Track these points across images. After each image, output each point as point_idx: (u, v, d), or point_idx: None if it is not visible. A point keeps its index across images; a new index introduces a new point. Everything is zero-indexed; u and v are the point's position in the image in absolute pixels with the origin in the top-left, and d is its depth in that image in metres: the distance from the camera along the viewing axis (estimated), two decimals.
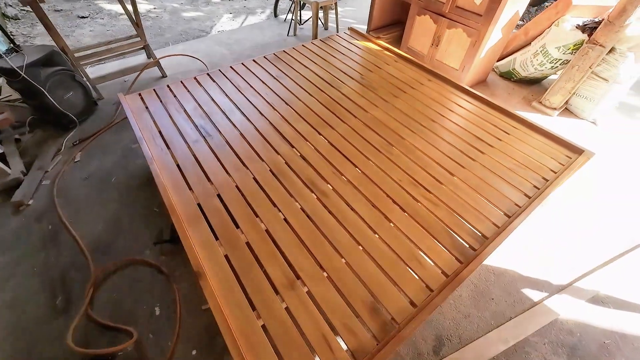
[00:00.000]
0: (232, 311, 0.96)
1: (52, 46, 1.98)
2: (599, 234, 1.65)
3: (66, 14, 4.12)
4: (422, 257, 1.12)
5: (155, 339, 1.23)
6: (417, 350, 1.24)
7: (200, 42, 3.36)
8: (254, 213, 1.24)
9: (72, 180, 1.80)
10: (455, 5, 2.31)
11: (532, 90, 2.70)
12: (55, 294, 1.34)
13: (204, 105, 1.75)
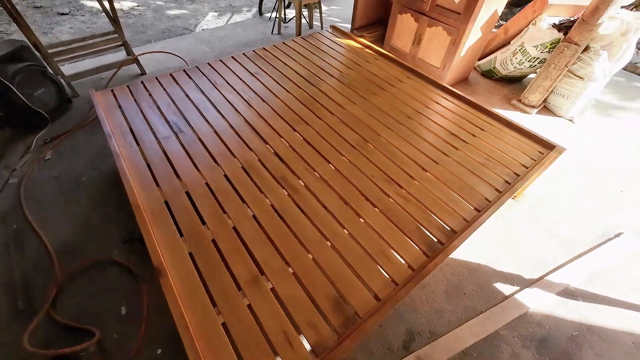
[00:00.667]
0: (192, 309, 0.94)
1: (22, 41, 1.93)
2: (572, 229, 1.68)
3: (45, 11, 4.03)
4: (390, 252, 1.12)
5: (120, 339, 1.20)
6: (388, 345, 1.23)
7: (182, 39, 3.32)
8: (222, 210, 1.22)
9: (41, 179, 1.75)
10: (435, 4, 2.32)
11: (512, 88, 2.73)
12: (16, 297, 1.29)
13: (178, 102, 1.72)
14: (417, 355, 1.21)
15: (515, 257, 1.54)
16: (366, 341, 1.24)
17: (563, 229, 1.67)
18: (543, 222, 1.70)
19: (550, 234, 1.65)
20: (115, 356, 1.16)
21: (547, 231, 1.66)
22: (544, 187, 1.87)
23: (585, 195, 1.86)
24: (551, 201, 1.81)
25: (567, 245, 1.60)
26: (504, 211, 1.73)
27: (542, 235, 1.64)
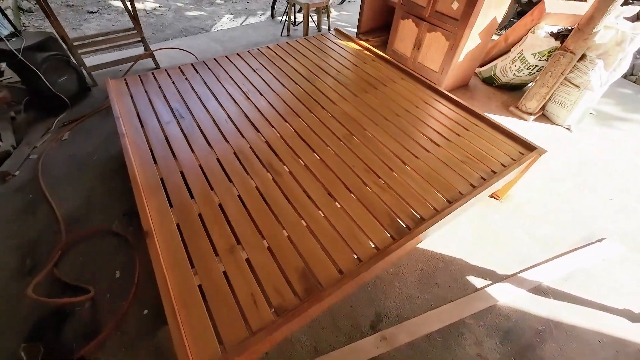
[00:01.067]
0: (172, 269, 1.05)
1: (50, 33, 2.14)
2: (554, 231, 1.70)
3: (77, 9, 4.35)
4: (359, 234, 1.20)
5: (112, 299, 1.32)
6: (356, 324, 1.30)
7: (197, 38, 3.52)
8: (210, 187, 1.33)
9: (57, 157, 1.92)
10: (435, 10, 2.40)
11: (512, 95, 2.76)
12: (25, 256, 1.45)
13: (182, 91, 1.86)
14: (382, 335, 1.27)
15: (492, 254, 1.58)
16: (335, 319, 1.32)
17: (545, 231, 1.70)
18: (525, 224, 1.73)
19: (531, 234, 1.68)
20: (105, 313, 1.28)
21: (528, 232, 1.69)
22: (532, 191, 1.90)
23: (573, 201, 1.87)
24: (537, 204, 1.84)
25: (546, 246, 1.63)
26: (487, 210, 1.78)
27: (523, 235, 1.67)
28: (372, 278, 1.45)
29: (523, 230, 1.69)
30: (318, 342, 1.25)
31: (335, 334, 1.28)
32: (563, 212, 1.80)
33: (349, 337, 1.27)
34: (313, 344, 1.25)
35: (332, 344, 1.25)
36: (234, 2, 4.97)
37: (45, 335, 1.20)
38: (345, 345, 1.25)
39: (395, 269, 1.50)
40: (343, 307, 1.36)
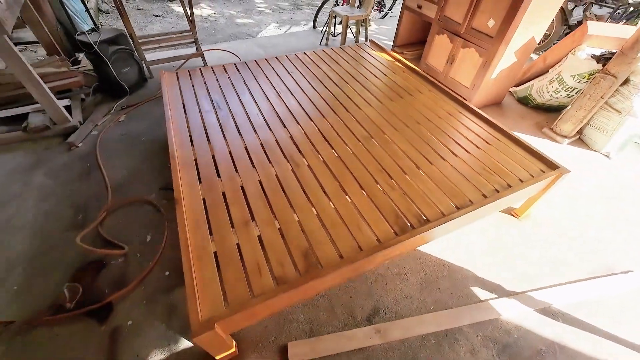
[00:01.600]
0: (194, 233, 1.19)
1: (122, 30, 2.49)
2: (572, 256, 1.63)
3: (144, 13, 4.93)
4: (364, 226, 1.27)
5: (141, 258, 1.51)
6: (352, 314, 1.36)
7: (243, 42, 3.83)
8: (235, 170, 1.49)
9: (113, 134, 2.22)
10: (471, 27, 2.43)
11: (547, 117, 2.67)
12: (78, 212, 1.70)
13: (223, 87, 2.08)
14: (377, 328, 1.32)
15: (502, 269, 1.56)
16: (334, 305, 1.38)
17: (563, 254, 1.64)
18: (543, 244, 1.68)
19: (547, 256, 1.62)
20: (134, 269, 1.47)
21: (545, 253, 1.64)
22: (555, 212, 1.84)
23: (600, 228, 1.78)
24: (558, 226, 1.77)
25: (562, 269, 1.57)
26: (503, 226, 1.75)
27: (538, 255, 1.63)
28: (373, 272, 1.50)
29: (539, 251, 1.64)
30: (315, 324, 1.33)
31: (332, 320, 1.34)
32: (587, 238, 1.72)
33: (345, 325, 1.33)
34: (310, 325, 1.32)
35: (328, 328, 1.32)
36: (281, 12, 5.32)
37: (85, 279, 1.40)
38: (340, 331, 1.31)
39: (398, 269, 1.54)
40: (343, 296, 1.42)
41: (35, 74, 1.92)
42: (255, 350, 1.24)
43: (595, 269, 1.58)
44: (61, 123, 2.17)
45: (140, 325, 1.29)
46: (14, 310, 1.30)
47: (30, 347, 1.21)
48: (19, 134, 2.09)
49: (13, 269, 1.44)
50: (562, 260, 1.61)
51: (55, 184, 1.86)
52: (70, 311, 1.29)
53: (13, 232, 1.60)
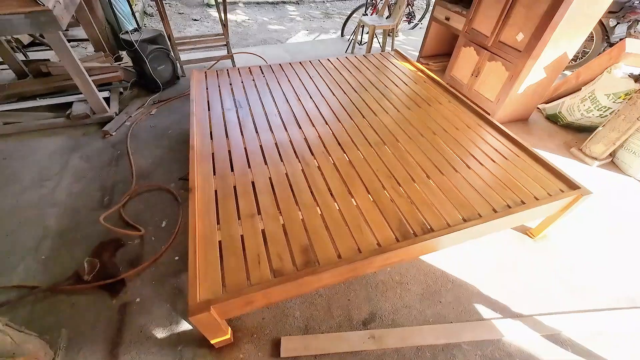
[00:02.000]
0: (202, 221, 1.26)
1: (160, 31, 2.69)
2: (590, 283, 1.53)
3: (184, 16, 5.26)
4: (365, 229, 1.27)
5: (155, 242, 1.61)
6: (349, 316, 1.36)
7: (272, 47, 3.98)
8: (248, 166, 1.56)
9: (143, 126, 2.39)
10: (498, 40, 2.39)
11: (577, 137, 2.54)
12: (105, 194, 1.84)
13: (246, 87, 2.18)
14: (372, 334, 1.31)
15: (510, 290, 1.49)
16: (331, 306, 1.40)
17: (580, 280, 1.54)
18: (558, 268, 1.59)
19: (561, 280, 1.54)
20: (148, 251, 1.56)
21: (558, 276, 1.55)
22: (576, 236, 1.74)
23: (625, 258, 1.66)
24: (578, 251, 1.67)
25: (575, 296, 1.48)
26: (516, 245, 1.68)
27: (552, 279, 1.54)
28: (374, 278, 1.50)
29: (553, 274, 1.56)
30: (310, 322, 1.34)
31: (328, 320, 1.35)
32: (610, 267, 1.61)
33: (340, 326, 1.33)
34: (305, 322, 1.34)
35: (323, 328, 1.33)
36: (311, 20, 5.47)
37: (103, 255, 1.52)
38: (334, 332, 1.31)
39: (400, 278, 1.52)
40: (341, 297, 1.43)
41: (82, 67, 2.12)
42: (249, 340, 1.28)
43: (615, 300, 1.47)
44: (100, 113, 2.37)
45: (147, 304, 1.37)
46: (40, 277, 1.43)
47: (50, 311, 1.32)
48: (63, 120, 2.31)
49: (44, 240, 1.59)
50: (578, 287, 1.51)
51: (89, 167, 2.03)
52: (88, 283, 1.40)
53: (49, 207, 1.76)
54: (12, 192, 1.84)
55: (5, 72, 2.76)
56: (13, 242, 1.57)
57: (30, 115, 2.35)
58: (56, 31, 1.87)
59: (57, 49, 1.95)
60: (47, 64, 2.46)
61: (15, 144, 2.16)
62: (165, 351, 1.23)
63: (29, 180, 1.91)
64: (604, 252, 1.68)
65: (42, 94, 2.49)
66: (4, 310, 1.29)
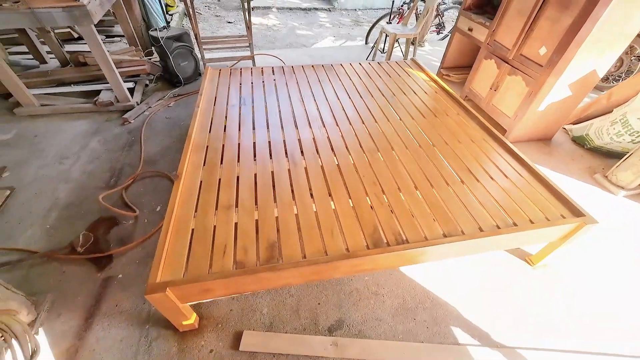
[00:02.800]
0: (181, 208, 1.31)
1: (186, 29, 2.87)
2: (590, 322, 1.37)
3: (220, 19, 5.55)
4: (337, 233, 1.25)
5: (147, 224, 1.69)
6: (315, 320, 1.34)
7: (295, 51, 4.07)
8: (237, 161, 1.60)
9: (159, 117, 2.55)
10: (520, 53, 2.26)
11: (604, 163, 2.31)
12: (113, 175, 1.98)
13: (255, 86, 2.25)
14: (335, 341, 1.27)
15: (494, 317, 1.38)
16: (300, 308, 1.38)
17: (575, 317, 1.39)
18: (553, 300, 1.45)
19: (555, 314, 1.40)
20: (139, 232, 1.65)
21: (552, 310, 1.41)
22: (583, 269, 1.58)
23: (634, 300, 1.47)
24: (581, 286, 1.51)
25: (569, 333, 1.33)
26: (511, 271, 1.56)
27: (543, 311, 1.41)
28: (348, 284, 1.46)
29: (547, 307, 1.42)
30: (276, 320, 1.34)
31: (293, 321, 1.34)
32: (616, 311, 1.43)
33: (304, 329, 1.31)
34: (271, 320, 1.34)
35: (287, 328, 1.32)
36: (340, 27, 5.53)
37: (98, 230, 1.63)
38: (297, 333, 1.30)
39: (377, 288, 1.47)
40: (311, 300, 1.41)
41: (110, 59, 2.32)
42: (213, 329, 1.30)
43: (615, 347, 1.31)
44: (123, 101, 2.56)
45: (127, 281, 1.45)
46: (40, 244, 1.57)
47: (42, 275, 1.44)
48: (90, 106, 2.52)
49: (51, 211, 1.74)
50: (573, 325, 1.37)
51: (104, 150, 2.19)
52: (80, 255, 1.51)
53: (63, 182, 1.93)
54: (36, 165, 2.03)
55: (53, 60, 3.09)
56: (26, 209, 1.73)
57: (63, 99, 2.60)
58: (89, 25, 2.06)
59: (89, 41, 2.15)
60: (84, 54, 2.71)
61: (47, 124, 2.40)
62: (134, 327, 1.29)
63: (52, 157, 2.11)
64: (612, 292, 1.50)
65: (78, 81, 2.75)
66: (3, 270, 1.43)
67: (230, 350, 1.23)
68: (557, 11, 1.96)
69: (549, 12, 2.02)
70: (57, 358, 1.18)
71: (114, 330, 1.28)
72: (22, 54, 3.26)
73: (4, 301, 1.14)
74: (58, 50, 2.86)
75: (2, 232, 1.61)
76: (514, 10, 2.28)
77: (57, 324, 1.28)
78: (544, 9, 2.05)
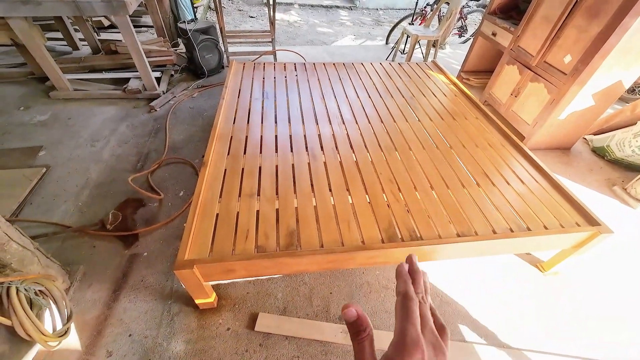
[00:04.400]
0: (206, 193, 1.39)
1: (213, 23, 2.95)
2: (600, 325, 1.39)
3: (243, 13, 5.65)
4: (353, 225, 1.30)
5: (170, 207, 1.78)
6: (327, 309, 1.40)
7: (315, 48, 4.12)
8: (260, 152, 1.66)
9: (184, 106, 2.65)
10: (544, 60, 2.25)
11: (624, 175, 2.28)
12: (139, 159, 2.08)
13: (277, 81, 2.32)
14: (345, 329, 1.33)
15: (502, 318, 1.41)
16: (313, 295, 1.44)
17: (581, 324, 1.40)
18: (561, 306, 1.47)
19: (562, 320, 1.41)
20: (163, 214, 1.74)
21: (560, 316, 1.43)
22: (596, 278, 1.59)
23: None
24: (591, 295, 1.52)
25: (575, 340, 1.35)
26: (522, 276, 1.58)
27: (550, 316, 1.43)
28: (360, 277, 1.51)
29: (555, 312, 1.44)
30: (289, 305, 1.40)
31: (306, 307, 1.40)
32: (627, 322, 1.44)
33: (316, 315, 1.38)
34: (285, 304, 1.41)
35: (299, 313, 1.38)
36: (361, 26, 5.54)
37: (126, 210, 1.73)
38: (310, 319, 1.36)
39: (387, 282, 1.52)
40: (324, 289, 1.47)
41: (141, 49, 2.42)
42: (231, 309, 1.38)
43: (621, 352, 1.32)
44: (150, 90, 2.67)
45: (152, 259, 1.54)
46: (73, 219, 1.68)
47: (75, 248, 1.55)
48: (120, 93, 2.64)
49: (84, 189, 1.85)
50: (579, 330, 1.38)
51: (132, 135, 2.30)
52: (109, 232, 1.61)
53: (94, 163, 2.04)
54: (69, 146, 2.16)
55: (85, 47, 3.23)
56: (60, 187, 1.85)
57: (95, 85, 2.72)
58: (124, 15, 2.17)
59: (123, 30, 2.26)
60: (116, 43, 2.83)
61: (79, 108, 2.53)
62: (157, 301, 1.38)
63: (84, 139, 2.23)
64: (624, 305, 1.50)
65: (108, 68, 2.88)
66: (40, 241, 1.54)
67: (246, 330, 1.31)
68: (585, 20, 1.94)
69: (576, 20, 2.00)
70: (89, 324, 1.28)
71: (140, 302, 1.37)
72: (56, 39, 3.42)
73: (45, 268, 1.24)
74: (91, 37, 3.00)
75: (39, 206, 1.73)
76: (540, 17, 2.27)
77: (88, 293, 1.38)
78: (571, 17, 2.03)
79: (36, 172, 1.90)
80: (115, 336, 1.26)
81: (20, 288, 1.03)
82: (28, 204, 1.74)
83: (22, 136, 2.20)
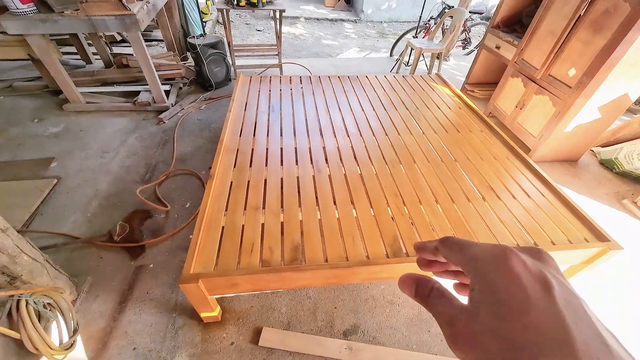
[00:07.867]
0: (212, 206, 1.41)
1: (221, 37, 3.03)
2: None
3: (250, 27, 5.79)
4: (358, 239, 1.30)
5: (177, 219, 1.81)
6: (331, 323, 1.38)
7: (320, 60, 4.19)
8: (265, 165, 1.69)
9: (192, 118, 2.70)
10: (548, 73, 2.26)
11: (633, 188, 2.25)
12: (147, 171, 2.12)
13: (283, 93, 2.36)
14: (350, 345, 1.31)
15: None
16: (316, 310, 1.43)
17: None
18: None
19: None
20: (169, 225, 1.76)
21: None
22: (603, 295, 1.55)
23: None
24: (601, 310, 1.48)
25: None
26: None
27: None
28: (365, 291, 1.50)
29: None
30: (293, 320, 1.40)
31: (310, 322, 1.39)
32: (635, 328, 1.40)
33: (320, 330, 1.36)
34: (289, 319, 1.40)
35: (303, 328, 1.37)
36: (365, 39, 5.63)
37: (133, 221, 1.75)
38: (313, 334, 1.35)
39: (392, 298, 1.50)
40: (328, 303, 1.46)
41: (151, 62, 2.49)
42: (235, 323, 1.37)
43: None
44: (159, 102, 2.74)
45: (158, 271, 1.55)
46: (82, 230, 1.71)
47: (82, 259, 1.57)
48: (130, 105, 2.71)
49: (93, 200, 1.88)
50: None
51: (141, 146, 2.35)
52: (116, 243, 1.63)
53: (103, 174, 2.09)
54: (80, 157, 2.21)
55: (98, 61, 3.34)
56: (70, 198, 1.89)
57: (107, 97, 2.80)
58: (137, 31, 2.24)
59: (135, 45, 2.33)
60: (127, 57, 2.93)
61: (91, 120, 2.60)
62: (162, 314, 1.38)
63: (94, 151, 2.28)
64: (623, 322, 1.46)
65: (120, 81, 2.96)
66: (50, 252, 1.57)
67: (250, 344, 1.30)
68: (590, 33, 1.96)
69: (580, 34, 2.02)
70: (94, 336, 1.29)
71: (145, 315, 1.37)
72: (70, 54, 3.54)
73: (53, 279, 1.26)
74: (104, 51, 3.10)
75: (49, 217, 1.77)
76: (544, 31, 2.29)
77: (94, 305, 1.39)
78: (575, 31, 2.04)
79: (47, 183, 1.95)
80: (120, 349, 1.26)
81: (30, 301, 1.05)
82: (39, 214, 1.78)
83: (35, 147, 2.27)
